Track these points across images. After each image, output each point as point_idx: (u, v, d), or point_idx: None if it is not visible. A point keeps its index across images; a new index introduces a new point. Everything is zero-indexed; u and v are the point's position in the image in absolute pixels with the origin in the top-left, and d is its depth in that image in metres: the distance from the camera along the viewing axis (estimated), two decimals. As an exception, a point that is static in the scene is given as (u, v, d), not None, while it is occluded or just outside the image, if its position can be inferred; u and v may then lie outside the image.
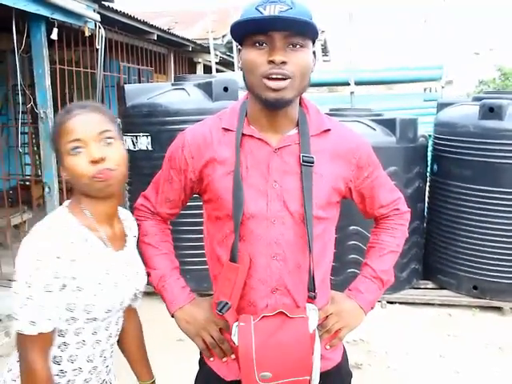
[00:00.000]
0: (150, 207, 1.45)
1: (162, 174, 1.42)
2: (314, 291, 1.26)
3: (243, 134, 1.28)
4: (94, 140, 1.18)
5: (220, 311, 1.25)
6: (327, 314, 1.35)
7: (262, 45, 1.16)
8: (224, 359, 1.35)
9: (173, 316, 1.39)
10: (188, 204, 1.46)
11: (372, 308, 1.43)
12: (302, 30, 1.16)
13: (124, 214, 1.38)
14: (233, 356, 1.32)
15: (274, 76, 1.16)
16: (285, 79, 1.16)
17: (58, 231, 1.16)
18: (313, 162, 1.26)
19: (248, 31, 1.17)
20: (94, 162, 1.16)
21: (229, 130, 1.30)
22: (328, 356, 1.37)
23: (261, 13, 1.13)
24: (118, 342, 1.39)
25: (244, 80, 1.24)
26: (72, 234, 1.17)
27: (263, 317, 1.23)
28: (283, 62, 1.15)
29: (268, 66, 1.15)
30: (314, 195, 1.26)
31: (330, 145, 1.32)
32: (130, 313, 1.42)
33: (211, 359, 1.38)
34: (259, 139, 1.27)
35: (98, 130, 1.19)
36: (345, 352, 1.47)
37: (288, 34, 1.14)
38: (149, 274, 1.39)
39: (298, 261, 1.29)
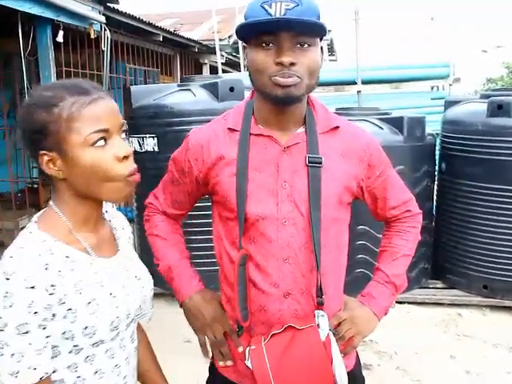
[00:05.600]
0: (158, 206, 1.45)
1: (168, 176, 1.42)
2: (322, 296, 1.23)
3: (251, 134, 1.26)
4: (118, 133, 1.00)
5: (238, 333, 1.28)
6: (340, 321, 1.31)
7: (268, 45, 1.14)
8: (221, 363, 1.34)
9: (181, 306, 1.37)
10: (195, 204, 1.45)
11: (386, 314, 1.38)
12: (310, 30, 1.13)
13: (111, 213, 1.19)
14: (229, 362, 1.33)
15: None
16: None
17: (28, 257, 0.93)
18: (320, 163, 1.23)
19: (254, 32, 1.14)
20: (125, 159, 0.99)
21: (235, 130, 1.28)
22: None
23: (266, 10, 1.11)
24: None
25: (251, 79, 1.22)
26: (46, 256, 0.95)
27: (272, 335, 1.19)
28: (292, 64, 1.12)
29: (276, 68, 1.13)
30: (325, 195, 1.23)
31: (340, 143, 1.29)
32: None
33: (206, 358, 1.39)
34: (268, 136, 1.25)
35: (121, 120, 1.01)
36: (358, 357, 1.44)
37: (296, 33, 1.12)
38: (158, 266, 1.37)
39: (312, 263, 1.24)
